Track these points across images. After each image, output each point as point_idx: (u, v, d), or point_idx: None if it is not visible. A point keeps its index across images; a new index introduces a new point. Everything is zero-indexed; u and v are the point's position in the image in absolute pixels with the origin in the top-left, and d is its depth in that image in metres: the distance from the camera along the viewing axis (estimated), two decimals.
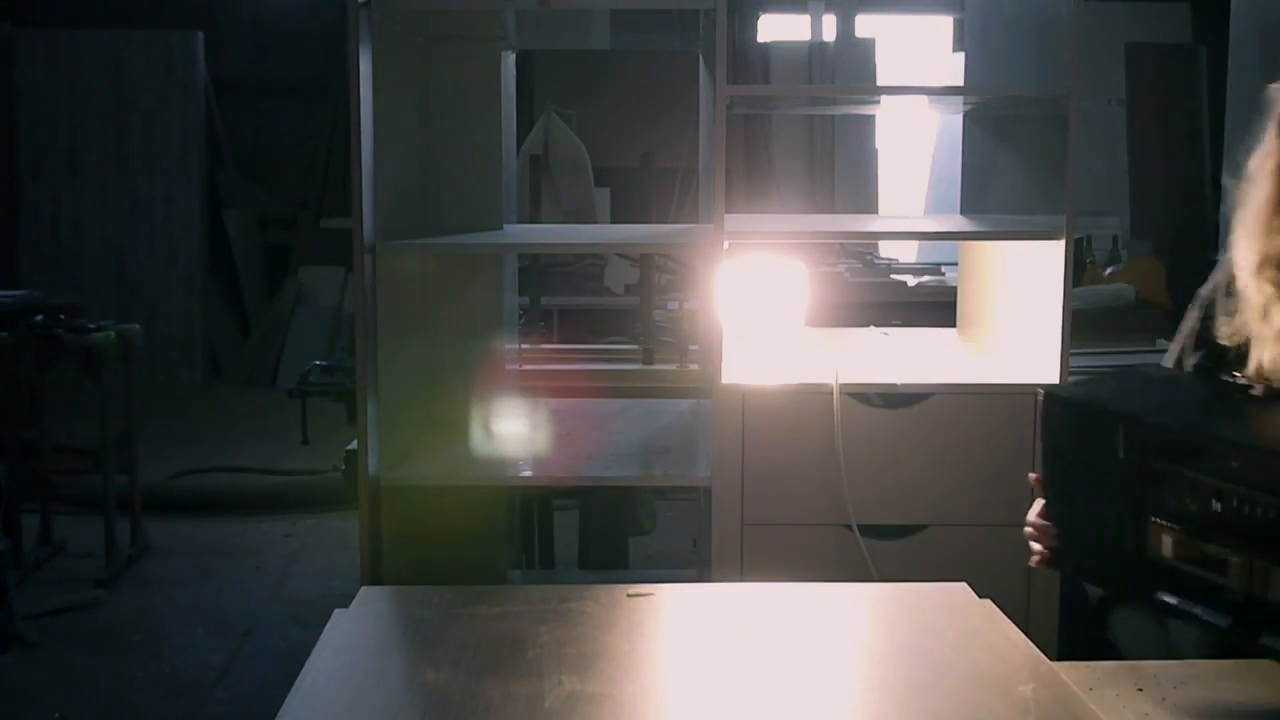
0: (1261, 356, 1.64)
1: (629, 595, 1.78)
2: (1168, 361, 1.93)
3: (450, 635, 1.65)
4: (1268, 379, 1.62)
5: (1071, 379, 2.46)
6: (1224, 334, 1.71)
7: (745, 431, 2.50)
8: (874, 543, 2.50)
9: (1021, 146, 2.82)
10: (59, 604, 4.13)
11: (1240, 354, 1.69)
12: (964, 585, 1.85)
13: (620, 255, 5.22)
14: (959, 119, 3.32)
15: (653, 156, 4.23)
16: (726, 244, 2.48)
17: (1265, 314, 1.64)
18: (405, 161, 2.69)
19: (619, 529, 3.75)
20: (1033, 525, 1.74)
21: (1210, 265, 1.86)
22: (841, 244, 6.30)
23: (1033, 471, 1.79)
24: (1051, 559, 1.70)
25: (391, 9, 2.46)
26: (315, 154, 8.65)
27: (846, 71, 8.30)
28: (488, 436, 2.84)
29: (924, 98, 3.00)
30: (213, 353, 8.52)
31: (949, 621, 1.70)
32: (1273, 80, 1.74)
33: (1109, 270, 4.88)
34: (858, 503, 2.49)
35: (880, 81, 8.36)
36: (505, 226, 3.04)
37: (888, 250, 6.86)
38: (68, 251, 8.21)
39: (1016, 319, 2.79)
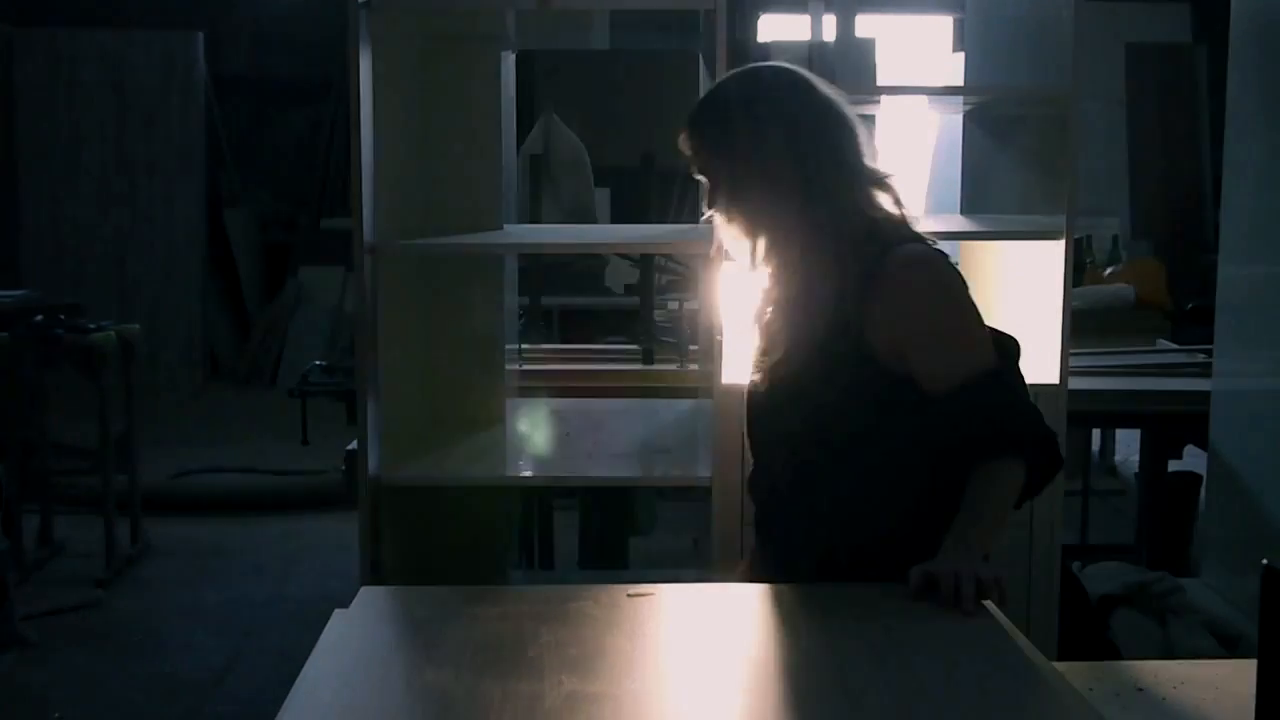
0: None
1: (629, 595, 1.78)
2: None
3: (450, 635, 1.64)
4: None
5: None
6: None
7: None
8: None
9: (1021, 146, 2.82)
10: (59, 604, 4.13)
11: None
12: None
13: (620, 255, 5.22)
14: (959, 119, 3.31)
15: (653, 157, 4.22)
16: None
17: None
18: (405, 161, 2.69)
19: (619, 529, 3.75)
20: None
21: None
22: None
23: None
24: None
25: (391, 9, 2.46)
26: (315, 154, 8.65)
27: (846, 71, 8.27)
28: (488, 436, 2.83)
29: (924, 98, 3.01)
30: (213, 353, 8.52)
31: (949, 621, 1.69)
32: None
33: (1109, 270, 4.87)
34: None
35: (880, 81, 8.34)
36: (505, 226, 3.03)
37: None
38: (68, 251, 8.21)
39: (1016, 319, 2.78)
